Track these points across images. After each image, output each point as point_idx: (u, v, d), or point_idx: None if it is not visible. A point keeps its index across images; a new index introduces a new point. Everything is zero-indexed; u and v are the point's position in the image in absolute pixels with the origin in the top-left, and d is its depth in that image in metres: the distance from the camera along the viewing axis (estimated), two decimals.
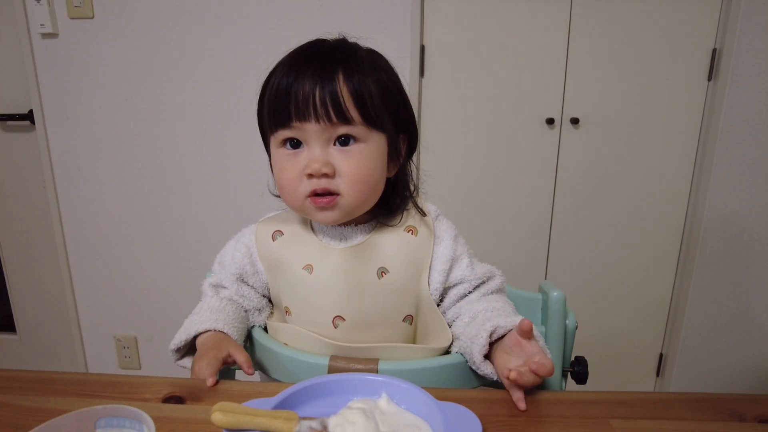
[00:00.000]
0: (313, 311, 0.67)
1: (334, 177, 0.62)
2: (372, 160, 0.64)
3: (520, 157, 1.67)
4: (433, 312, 0.68)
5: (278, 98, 0.62)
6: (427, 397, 0.50)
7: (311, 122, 0.61)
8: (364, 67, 0.63)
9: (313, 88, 0.60)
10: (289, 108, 0.61)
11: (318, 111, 0.60)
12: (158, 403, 0.56)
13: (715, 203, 1.63)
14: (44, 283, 1.95)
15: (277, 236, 0.72)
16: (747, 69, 1.52)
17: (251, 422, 0.46)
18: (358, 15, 1.56)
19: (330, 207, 0.63)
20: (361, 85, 0.61)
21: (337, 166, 0.62)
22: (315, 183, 0.62)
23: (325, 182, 0.62)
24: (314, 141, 0.62)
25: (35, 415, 0.53)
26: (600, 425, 0.52)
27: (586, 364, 0.73)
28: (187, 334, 0.67)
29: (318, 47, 0.65)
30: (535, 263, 1.77)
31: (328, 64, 0.61)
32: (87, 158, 1.76)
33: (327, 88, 0.60)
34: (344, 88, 0.61)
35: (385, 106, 0.64)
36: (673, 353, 1.78)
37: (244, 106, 1.65)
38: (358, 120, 0.61)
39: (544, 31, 1.58)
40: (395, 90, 0.67)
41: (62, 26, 1.64)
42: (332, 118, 0.60)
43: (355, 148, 0.63)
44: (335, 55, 0.63)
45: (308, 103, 0.60)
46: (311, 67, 0.61)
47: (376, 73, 0.64)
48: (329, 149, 0.62)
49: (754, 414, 0.54)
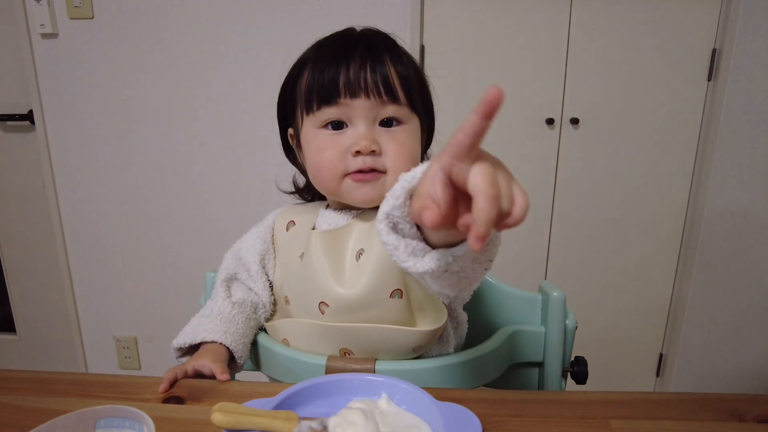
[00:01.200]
0: (304, 298, 0.67)
1: (380, 155, 0.63)
2: (414, 141, 0.65)
3: (520, 157, 1.67)
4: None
5: (325, 77, 0.62)
6: (426, 397, 0.50)
7: (361, 98, 0.61)
8: (405, 53, 0.66)
9: (364, 64, 0.61)
10: (338, 85, 0.61)
11: (369, 87, 0.61)
12: (158, 403, 0.56)
13: (715, 203, 1.63)
14: (44, 284, 1.95)
15: (291, 227, 0.73)
16: (747, 69, 1.52)
17: (251, 422, 0.46)
18: (358, 15, 1.55)
19: (373, 180, 0.63)
20: (407, 68, 0.64)
21: (382, 145, 0.62)
22: (361, 161, 0.62)
23: (371, 160, 0.62)
24: (360, 119, 0.62)
25: (35, 416, 0.53)
26: (600, 425, 0.52)
27: (586, 364, 0.73)
28: (193, 339, 0.67)
29: (357, 32, 0.67)
30: (535, 263, 1.77)
31: (375, 46, 0.63)
32: (87, 158, 1.76)
33: (378, 66, 0.62)
34: (392, 67, 0.62)
35: (421, 91, 0.67)
36: (673, 353, 1.78)
37: (243, 105, 1.65)
38: (403, 100, 0.63)
39: (544, 31, 1.58)
40: (424, 80, 0.69)
41: (62, 26, 1.64)
42: (383, 94, 0.61)
43: (399, 129, 0.64)
44: (381, 40, 0.65)
45: (359, 78, 0.61)
46: (360, 47, 0.63)
47: (412, 61, 0.66)
48: (375, 127, 0.63)
49: (754, 414, 0.54)
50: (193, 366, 0.61)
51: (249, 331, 0.71)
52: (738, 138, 1.57)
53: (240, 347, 0.67)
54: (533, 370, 0.75)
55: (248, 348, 0.70)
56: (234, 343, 0.66)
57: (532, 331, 0.72)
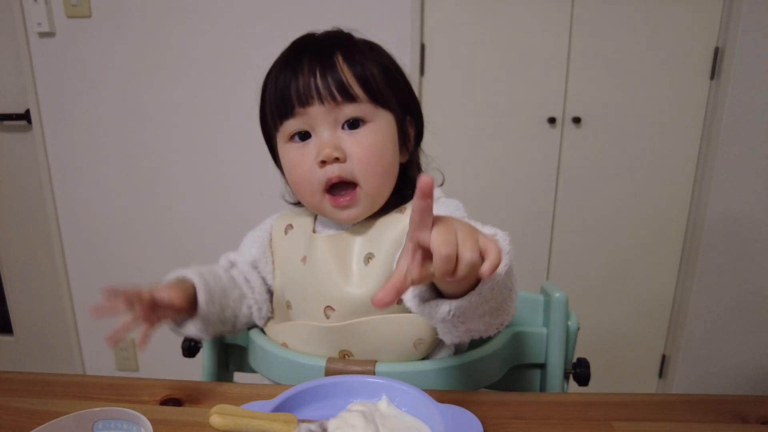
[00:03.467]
0: (308, 303, 0.66)
1: (345, 161, 0.61)
2: (383, 140, 0.63)
3: (521, 157, 1.67)
4: None
5: (278, 89, 0.62)
6: (427, 399, 0.50)
7: (315, 105, 0.60)
8: (363, 50, 0.64)
9: (312, 70, 0.60)
10: (290, 95, 0.61)
11: (321, 92, 0.60)
12: (156, 405, 0.55)
13: (717, 202, 1.62)
14: (41, 285, 1.94)
15: (289, 230, 0.72)
16: (749, 67, 1.52)
17: (250, 425, 0.46)
18: (358, 14, 1.55)
19: (351, 204, 0.63)
20: (363, 64, 0.62)
21: (348, 150, 0.61)
22: (329, 171, 0.61)
23: (338, 168, 0.61)
24: (321, 125, 0.61)
25: (32, 418, 0.52)
26: (602, 427, 0.52)
27: (588, 366, 0.73)
28: (168, 278, 0.63)
29: (311, 37, 0.66)
30: (536, 264, 1.76)
31: (325, 48, 0.62)
32: (84, 158, 1.75)
33: (327, 68, 0.60)
34: (344, 67, 0.61)
35: (389, 84, 0.64)
36: (676, 354, 1.78)
37: (242, 105, 1.64)
38: (363, 97, 0.61)
39: (546, 30, 1.57)
40: (396, 71, 0.67)
41: (59, 25, 1.63)
42: (336, 96, 0.60)
43: (364, 130, 0.62)
44: (332, 41, 0.64)
45: (309, 85, 0.60)
46: (308, 53, 0.62)
47: (375, 55, 0.64)
48: (338, 133, 0.62)
49: (757, 415, 0.54)
50: (150, 289, 0.56)
51: (227, 296, 0.66)
52: (741, 136, 1.57)
53: (204, 294, 0.61)
54: (535, 372, 0.74)
55: (220, 308, 0.65)
56: (201, 283, 0.62)
57: (534, 333, 0.72)
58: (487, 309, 0.50)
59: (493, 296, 0.48)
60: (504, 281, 0.48)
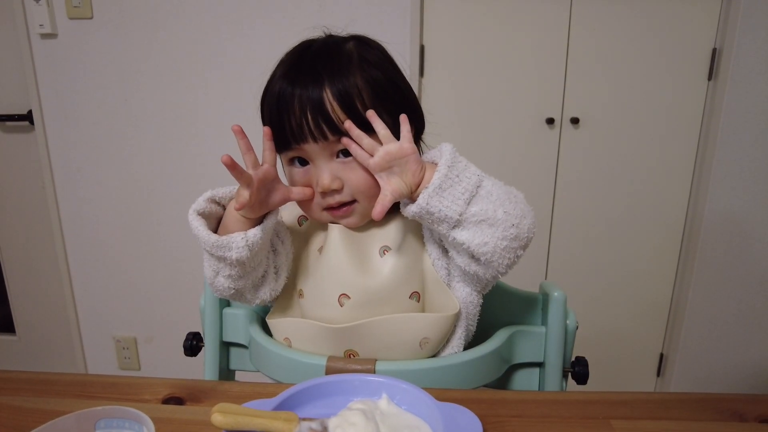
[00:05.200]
0: (323, 291, 0.66)
1: (342, 190, 0.64)
2: None
3: (520, 157, 1.67)
4: (439, 287, 0.67)
5: (273, 122, 0.64)
6: (427, 397, 0.50)
7: (309, 143, 0.63)
8: (351, 67, 0.63)
9: (303, 109, 0.61)
10: (285, 134, 0.63)
11: (313, 132, 0.62)
12: (158, 404, 0.56)
13: (715, 203, 1.63)
14: (43, 284, 1.95)
15: (303, 221, 0.74)
16: (747, 68, 1.52)
17: (251, 423, 0.46)
18: (357, 15, 1.55)
19: (348, 214, 0.66)
20: (350, 90, 0.61)
21: (344, 177, 0.64)
22: (329, 199, 0.65)
23: (337, 197, 0.65)
24: (317, 158, 0.64)
25: (34, 417, 0.53)
26: (601, 425, 0.52)
27: (587, 365, 0.73)
28: (204, 198, 0.68)
29: (301, 59, 0.65)
30: (535, 263, 1.76)
31: (312, 80, 0.62)
32: (86, 159, 1.76)
33: (316, 107, 0.61)
34: (334, 103, 0.61)
35: (380, 102, 0.64)
36: (674, 353, 1.78)
37: (243, 105, 1.64)
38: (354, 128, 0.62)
39: (544, 31, 1.58)
40: (387, 83, 0.66)
41: (61, 26, 1.63)
42: (327, 136, 0.62)
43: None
44: (319, 66, 0.63)
45: (301, 125, 0.62)
46: (299, 84, 0.62)
47: (364, 71, 0.63)
48: (333, 165, 0.64)
49: (755, 414, 0.54)
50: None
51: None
52: (738, 137, 1.57)
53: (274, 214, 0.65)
54: (534, 371, 0.75)
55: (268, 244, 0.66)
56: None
57: (532, 331, 0.72)
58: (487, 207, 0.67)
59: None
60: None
